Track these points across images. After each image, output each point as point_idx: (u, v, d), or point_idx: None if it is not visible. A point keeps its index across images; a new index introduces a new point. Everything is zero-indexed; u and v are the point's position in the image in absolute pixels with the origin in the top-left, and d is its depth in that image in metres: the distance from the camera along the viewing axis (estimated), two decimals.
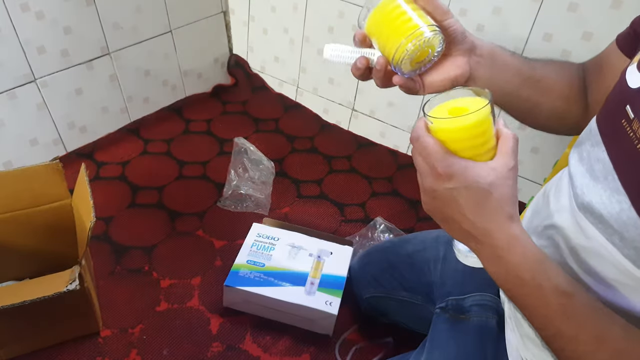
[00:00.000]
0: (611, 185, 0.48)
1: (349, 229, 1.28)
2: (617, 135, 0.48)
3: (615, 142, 0.49)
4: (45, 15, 1.17)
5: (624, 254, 0.47)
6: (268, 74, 1.72)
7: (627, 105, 0.48)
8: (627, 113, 0.47)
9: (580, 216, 0.52)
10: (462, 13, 1.20)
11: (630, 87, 0.48)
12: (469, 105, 0.48)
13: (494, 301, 0.75)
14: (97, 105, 1.39)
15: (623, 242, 0.46)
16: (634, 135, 0.45)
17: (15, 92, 1.19)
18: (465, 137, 0.48)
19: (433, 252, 0.87)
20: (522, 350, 0.63)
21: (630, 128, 0.46)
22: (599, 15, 1.04)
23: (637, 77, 0.48)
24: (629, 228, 0.45)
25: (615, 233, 0.47)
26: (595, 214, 0.49)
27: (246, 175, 1.28)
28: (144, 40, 1.42)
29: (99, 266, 1.10)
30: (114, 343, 0.98)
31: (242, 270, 1.02)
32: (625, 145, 0.47)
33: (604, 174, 0.49)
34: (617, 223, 0.47)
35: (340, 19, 1.42)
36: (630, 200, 0.45)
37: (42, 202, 0.97)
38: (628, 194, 0.45)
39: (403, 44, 0.56)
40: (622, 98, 0.49)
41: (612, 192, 0.47)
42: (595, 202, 0.49)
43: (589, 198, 0.51)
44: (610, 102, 0.52)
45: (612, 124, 0.50)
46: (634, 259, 0.46)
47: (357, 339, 1.03)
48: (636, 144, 0.45)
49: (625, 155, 0.47)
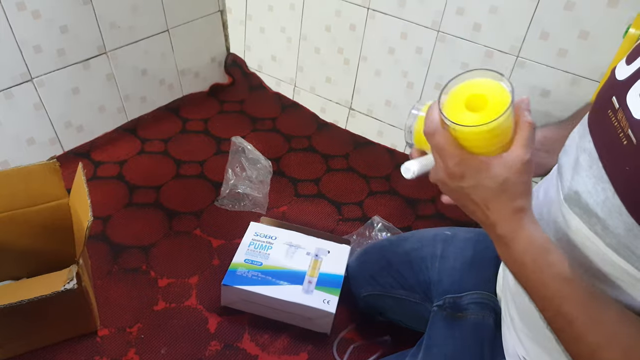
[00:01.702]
0: (595, 173, 0.49)
1: (346, 228, 1.28)
2: (603, 126, 0.49)
3: (601, 132, 0.50)
4: (41, 14, 1.17)
5: (607, 243, 0.48)
6: (265, 73, 1.72)
7: (612, 97, 0.49)
8: (613, 104, 0.48)
9: (565, 208, 0.53)
10: (459, 12, 1.20)
11: (617, 80, 0.49)
12: (489, 94, 0.47)
13: (491, 299, 0.75)
14: (94, 105, 1.39)
15: (605, 232, 0.48)
16: (618, 125, 0.47)
17: (11, 92, 1.19)
18: (482, 139, 0.48)
19: (430, 250, 0.87)
20: (519, 348, 0.64)
21: (615, 118, 0.48)
22: (596, 14, 1.04)
23: (624, 70, 0.49)
24: (613, 215, 0.46)
25: (598, 222, 0.48)
26: (582, 204, 0.50)
27: (244, 174, 1.28)
28: (140, 39, 1.42)
29: (96, 266, 1.10)
30: (111, 342, 0.97)
31: (239, 269, 1.02)
32: (610, 134, 0.48)
33: (589, 163, 0.50)
34: (602, 211, 0.48)
35: (337, 17, 1.42)
36: (614, 187, 0.46)
37: (40, 202, 0.97)
38: (612, 181, 0.46)
39: None
40: (610, 90, 0.50)
41: (597, 180, 0.48)
42: (581, 191, 0.50)
43: (575, 188, 0.52)
44: (599, 97, 0.53)
45: (600, 115, 0.51)
46: (616, 248, 0.47)
47: (355, 337, 1.03)
48: (619, 132, 0.46)
49: (610, 144, 0.48)
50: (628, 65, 0.49)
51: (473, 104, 0.48)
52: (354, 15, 1.39)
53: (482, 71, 0.49)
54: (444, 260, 0.84)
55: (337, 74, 1.53)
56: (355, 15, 1.39)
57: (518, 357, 0.64)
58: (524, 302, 0.61)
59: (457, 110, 0.48)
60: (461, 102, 0.49)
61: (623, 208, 0.45)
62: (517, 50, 1.17)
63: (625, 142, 0.45)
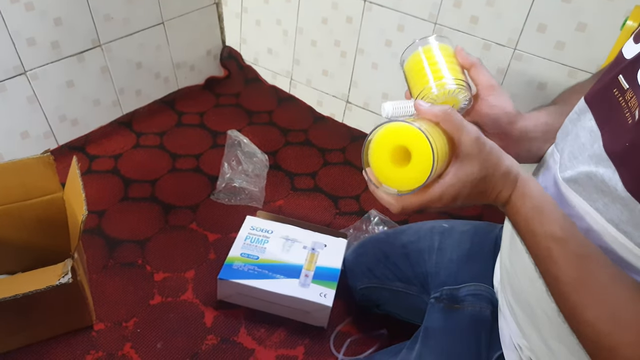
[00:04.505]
0: (597, 152, 0.49)
1: (343, 221, 1.28)
2: (608, 104, 0.49)
3: (604, 109, 0.50)
4: (35, 6, 1.16)
5: (607, 218, 0.48)
6: (261, 66, 1.71)
7: (619, 75, 0.49)
8: (620, 83, 0.48)
9: (564, 186, 0.53)
10: (457, 5, 1.20)
11: (625, 58, 0.49)
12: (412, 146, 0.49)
13: (488, 291, 0.75)
14: (89, 98, 1.38)
15: (606, 207, 0.48)
16: (626, 105, 0.46)
17: (5, 85, 1.17)
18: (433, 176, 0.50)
19: (427, 242, 0.87)
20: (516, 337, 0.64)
21: (622, 98, 0.47)
22: (594, 6, 1.04)
23: (632, 48, 0.49)
24: (612, 193, 0.46)
25: (599, 199, 0.48)
26: (580, 181, 0.50)
27: (240, 168, 1.27)
28: (135, 32, 1.41)
29: (91, 260, 1.10)
30: (107, 337, 0.97)
31: (236, 263, 1.02)
32: (614, 112, 0.47)
33: (590, 142, 0.50)
34: (602, 189, 0.48)
35: (333, 10, 1.41)
36: (615, 165, 0.46)
37: (34, 196, 0.97)
38: (612, 160, 0.46)
39: (427, 88, 0.59)
40: (616, 69, 0.50)
41: (598, 159, 0.48)
42: (580, 169, 0.50)
43: (574, 166, 0.52)
44: (604, 75, 0.53)
45: (603, 93, 0.50)
46: (616, 222, 0.47)
47: (352, 331, 1.03)
48: (625, 112, 0.46)
49: (613, 122, 0.47)
50: (636, 43, 0.48)
51: (397, 156, 0.50)
52: (351, 8, 1.38)
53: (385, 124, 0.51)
54: (441, 253, 0.84)
55: (334, 67, 1.52)
56: (352, 7, 1.38)
57: (515, 348, 0.64)
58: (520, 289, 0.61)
59: (390, 170, 0.51)
60: (386, 152, 0.51)
61: (620, 183, 0.45)
62: (514, 43, 1.17)
63: (630, 121, 0.45)
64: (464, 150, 0.50)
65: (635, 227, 0.45)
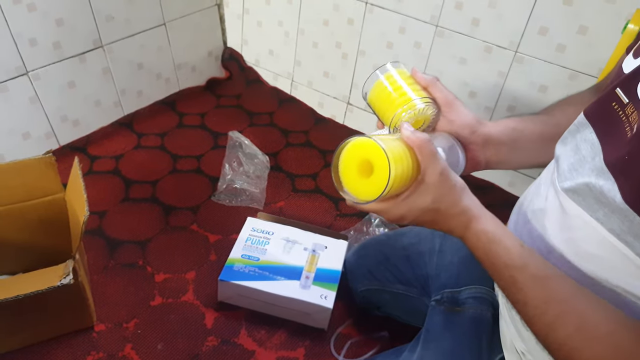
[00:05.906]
0: (597, 164, 0.49)
1: (344, 223, 1.28)
2: (608, 118, 0.50)
3: (604, 123, 0.51)
4: (37, 7, 1.16)
5: (608, 228, 0.48)
6: (262, 67, 1.71)
7: (617, 88, 0.49)
8: (619, 96, 0.49)
9: (563, 196, 0.53)
10: (458, 7, 1.20)
11: (624, 72, 0.50)
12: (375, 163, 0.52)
13: (489, 294, 0.75)
14: (90, 99, 1.38)
15: (607, 218, 0.48)
16: (627, 119, 0.47)
17: (7, 85, 1.18)
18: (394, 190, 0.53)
19: (428, 244, 0.87)
20: (517, 342, 0.64)
21: (622, 112, 0.48)
22: (595, 9, 1.04)
23: (631, 63, 0.49)
24: (611, 204, 0.47)
25: (600, 209, 0.49)
26: (580, 192, 0.51)
27: (241, 169, 1.27)
28: (137, 33, 1.41)
29: (92, 261, 1.10)
30: (108, 338, 0.97)
31: (236, 264, 1.02)
32: (614, 126, 0.48)
33: (591, 155, 0.51)
34: (601, 200, 0.48)
35: (335, 11, 1.42)
36: (614, 177, 0.46)
37: (35, 196, 0.97)
38: (612, 172, 0.47)
39: (398, 113, 0.63)
40: (615, 82, 0.51)
41: (599, 172, 0.49)
42: (580, 181, 0.51)
43: (574, 178, 0.52)
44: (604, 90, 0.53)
45: (602, 106, 0.51)
46: (617, 232, 0.47)
47: (352, 333, 1.03)
48: (625, 126, 0.46)
49: (615, 138, 0.48)
50: (635, 58, 0.49)
51: (364, 167, 0.54)
52: (352, 9, 1.38)
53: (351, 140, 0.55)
54: (442, 255, 0.84)
55: (335, 69, 1.52)
56: (353, 9, 1.38)
57: (516, 351, 0.64)
58: None
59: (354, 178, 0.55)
60: (355, 169, 0.54)
61: (619, 195, 0.45)
62: (515, 46, 1.17)
63: (629, 135, 0.45)
64: (425, 179, 0.53)
65: (636, 238, 0.45)
